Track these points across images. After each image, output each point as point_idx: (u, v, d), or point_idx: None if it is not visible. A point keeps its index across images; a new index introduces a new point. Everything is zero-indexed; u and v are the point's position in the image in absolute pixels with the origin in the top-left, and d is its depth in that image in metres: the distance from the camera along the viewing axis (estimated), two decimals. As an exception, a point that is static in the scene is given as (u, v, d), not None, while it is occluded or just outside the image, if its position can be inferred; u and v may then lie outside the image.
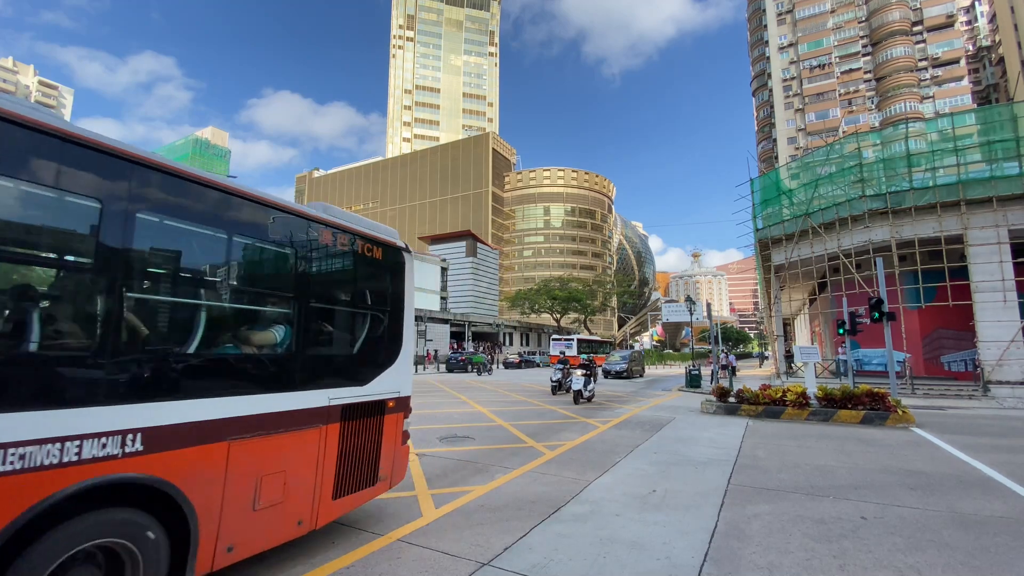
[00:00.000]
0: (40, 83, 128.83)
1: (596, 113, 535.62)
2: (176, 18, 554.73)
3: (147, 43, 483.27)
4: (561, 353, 38.93)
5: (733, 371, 25.06)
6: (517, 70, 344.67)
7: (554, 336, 50.77)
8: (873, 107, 67.73)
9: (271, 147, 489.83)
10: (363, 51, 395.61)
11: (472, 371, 35.29)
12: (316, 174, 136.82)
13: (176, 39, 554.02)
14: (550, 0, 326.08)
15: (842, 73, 70.19)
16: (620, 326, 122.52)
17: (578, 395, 15.45)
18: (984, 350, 19.44)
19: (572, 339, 46.00)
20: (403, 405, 4.98)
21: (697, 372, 22.45)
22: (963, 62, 65.88)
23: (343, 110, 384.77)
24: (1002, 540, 4.55)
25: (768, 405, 12.77)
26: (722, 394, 13.77)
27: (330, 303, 4.44)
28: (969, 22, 71.88)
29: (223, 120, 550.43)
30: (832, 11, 71.99)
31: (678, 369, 47.33)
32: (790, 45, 74.24)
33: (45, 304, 2.67)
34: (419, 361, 37.51)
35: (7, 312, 2.52)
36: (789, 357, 28.03)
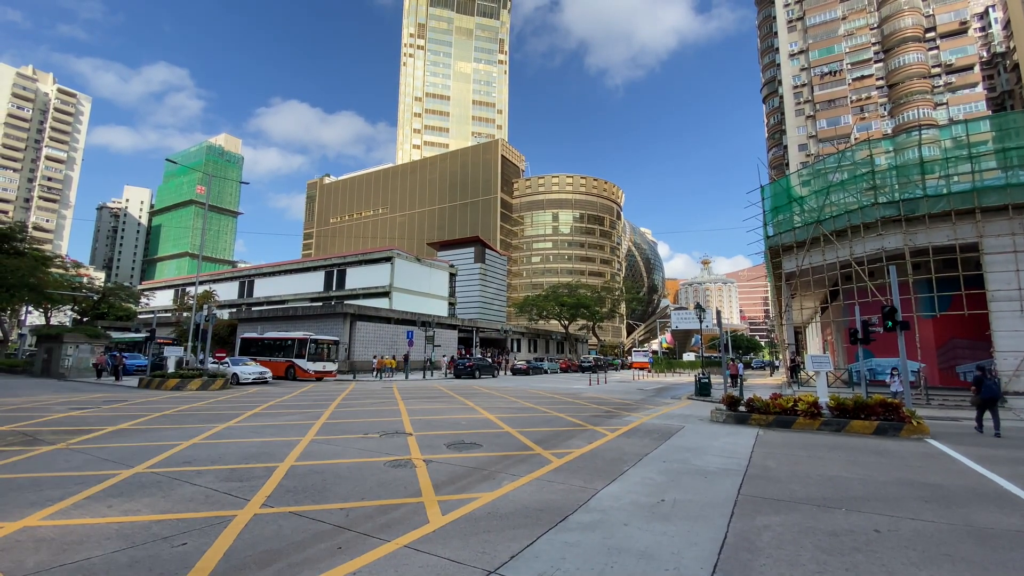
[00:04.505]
0: (59, 91, 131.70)
1: (603, 121, 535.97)
2: (187, 30, 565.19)
3: (160, 54, 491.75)
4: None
5: (741, 380, 24.79)
6: (521, 79, 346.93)
7: (635, 349, 77.50)
8: (885, 114, 67.13)
9: (280, 154, 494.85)
10: (371, 62, 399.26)
11: (480, 376, 35.20)
12: (327, 180, 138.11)
13: (187, 50, 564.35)
14: (551, 13, 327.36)
15: (854, 80, 69.70)
16: (629, 333, 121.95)
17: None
18: (1001, 360, 19.10)
19: (649, 352, 71.88)
20: None
21: (707, 380, 22.21)
22: (977, 68, 65.11)
23: (351, 119, 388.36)
24: (1019, 555, 4.46)
25: (779, 415, 12.62)
26: (732, 403, 13.64)
27: None
28: (983, 28, 71.05)
29: (233, 128, 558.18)
30: (843, 18, 71.64)
31: (687, 377, 46.92)
32: (801, 52, 73.94)
33: None
34: (429, 367, 37.28)
35: None
36: (795, 367, 27.40)
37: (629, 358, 72.05)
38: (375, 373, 33.88)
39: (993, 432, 11.84)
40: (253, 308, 54.83)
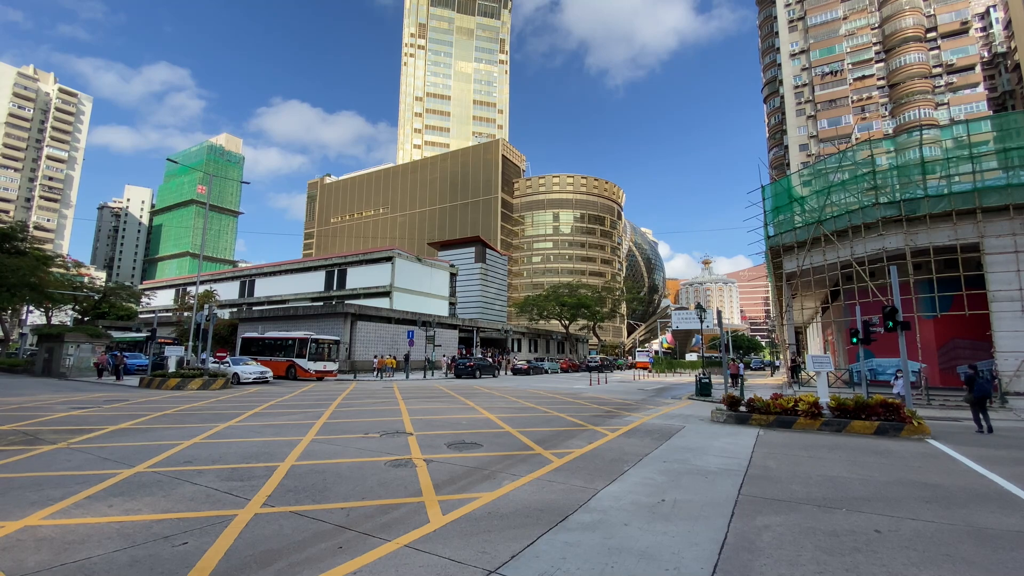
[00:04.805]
0: (60, 90, 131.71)
1: (603, 121, 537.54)
2: (188, 30, 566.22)
3: (161, 54, 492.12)
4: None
5: (742, 380, 24.77)
6: (522, 79, 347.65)
7: (638, 349, 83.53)
8: (886, 114, 67.05)
9: (281, 154, 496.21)
10: (372, 62, 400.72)
11: (480, 376, 35.18)
12: (328, 180, 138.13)
13: (188, 50, 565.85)
14: (551, 13, 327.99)
15: (855, 80, 69.61)
16: (629, 333, 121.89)
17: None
18: (1001, 360, 19.09)
19: (650, 352, 75.32)
20: None
21: (707, 380, 22.18)
22: (978, 68, 64.99)
23: (352, 119, 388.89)
24: (1019, 555, 4.45)
25: (780, 415, 12.62)
26: (733, 403, 13.63)
27: None
28: (984, 28, 70.92)
29: (234, 128, 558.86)
30: (844, 18, 71.57)
31: (688, 377, 46.92)
32: (802, 52, 73.88)
33: None
34: (430, 367, 37.18)
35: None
36: (796, 367, 27.31)
37: (631, 358, 74.39)
38: (376, 373, 33.88)
39: (986, 430, 11.98)
40: (254, 308, 54.86)
